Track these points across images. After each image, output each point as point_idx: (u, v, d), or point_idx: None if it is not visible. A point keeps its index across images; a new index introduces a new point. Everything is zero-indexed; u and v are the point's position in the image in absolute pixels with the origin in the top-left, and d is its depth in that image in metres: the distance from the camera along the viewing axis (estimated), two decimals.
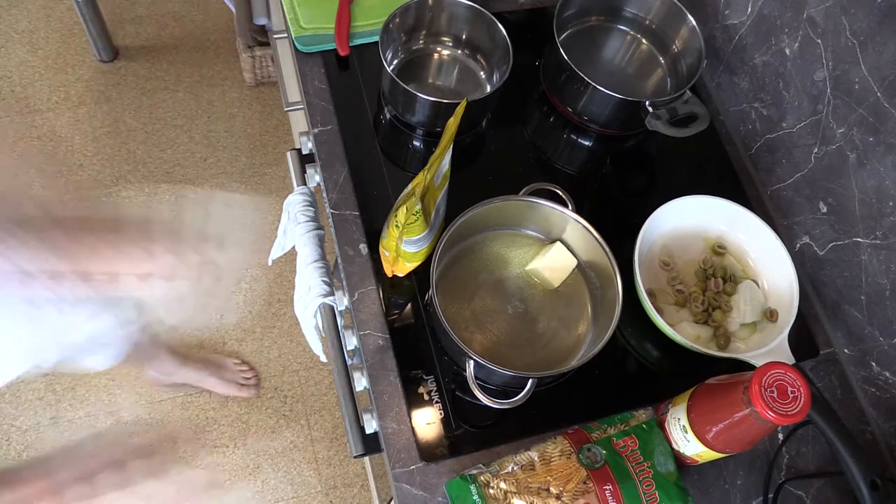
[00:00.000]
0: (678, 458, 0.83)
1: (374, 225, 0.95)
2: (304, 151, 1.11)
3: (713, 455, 0.80)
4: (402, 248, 0.86)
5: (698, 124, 1.00)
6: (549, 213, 0.92)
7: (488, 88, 1.06)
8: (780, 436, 0.93)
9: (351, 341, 0.93)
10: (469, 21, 1.05)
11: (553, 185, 0.94)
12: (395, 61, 1.06)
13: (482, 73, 1.08)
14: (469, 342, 0.88)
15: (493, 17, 1.02)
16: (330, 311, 1.01)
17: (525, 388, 0.81)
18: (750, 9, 1.04)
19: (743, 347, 0.94)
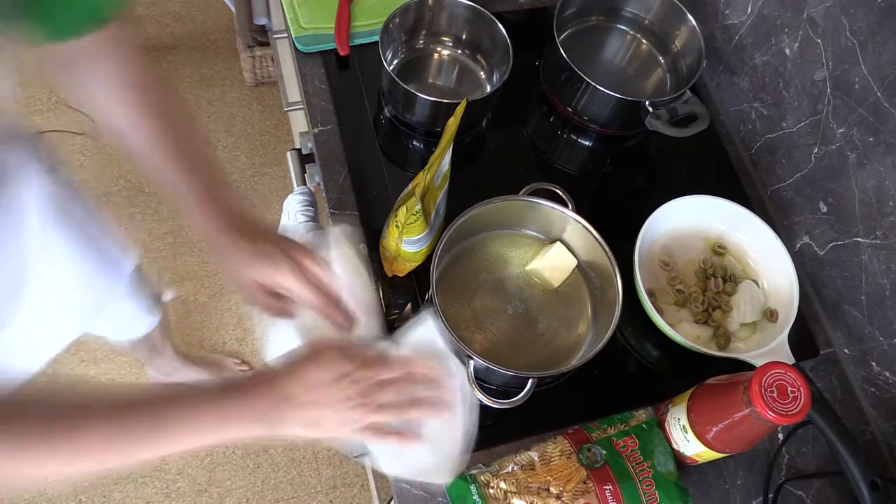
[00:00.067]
0: (678, 458, 0.83)
1: (374, 225, 0.95)
2: (304, 151, 1.11)
3: (713, 455, 0.80)
4: (402, 248, 0.86)
5: (698, 124, 1.00)
6: (549, 213, 0.91)
7: (488, 88, 1.06)
8: (780, 436, 0.93)
9: None
10: (469, 21, 1.05)
11: (553, 185, 0.94)
12: (395, 61, 1.06)
13: (482, 73, 1.08)
14: (469, 342, 0.88)
15: (493, 17, 1.02)
16: None
17: (525, 388, 0.81)
18: (750, 9, 1.04)
19: (743, 347, 0.93)
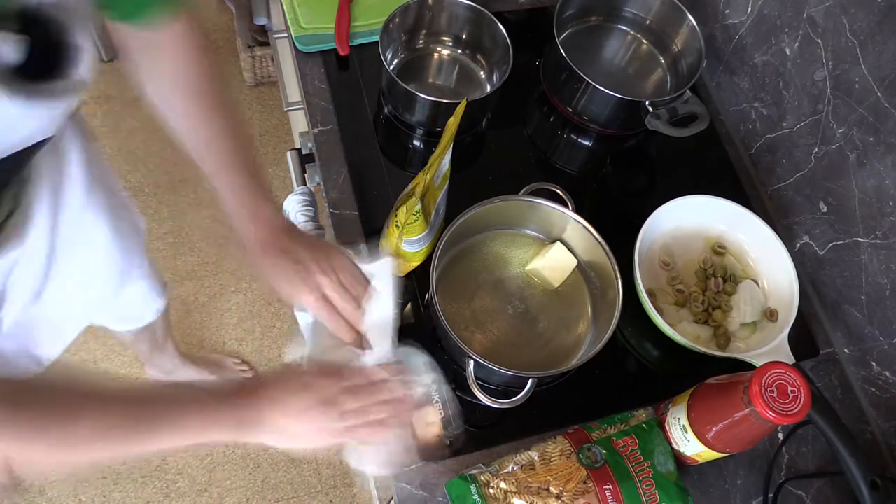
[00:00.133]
0: (678, 458, 0.83)
1: (373, 225, 0.95)
2: (304, 151, 1.11)
3: (713, 455, 0.80)
4: (403, 248, 0.86)
5: (698, 124, 1.00)
6: (549, 212, 0.91)
7: (488, 88, 1.06)
8: (780, 436, 0.93)
9: None
10: (469, 21, 1.05)
11: (553, 185, 0.94)
12: (395, 61, 1.06)
13: (482, 72, 1.08)
14: (469, 342, 0.88)
15: (493, 17, 1.02)
16: None
17: (525, 388, 0.81)
18: (750, 8, 1.04)
19: (743, 347, 0.93)
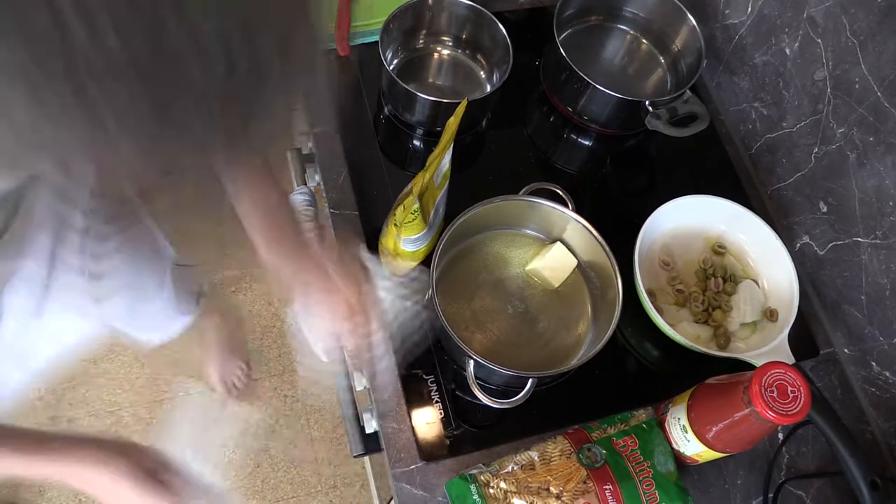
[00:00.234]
0: (678, 458, 0.83)
1: (373, 224, 0.95)
2: (304, 151, 1.11)
3: (713, 455, 0.80)
4: (401, 247, 0.86)
5: (698, 124, 1.00)
6: (549, 212, 0.91)
7: (488, 88, 1.06)
8: (780, 436, 0.93)
9: None
10: (469, 21, 1.05)
11: (553, 185, 0.94)
12: (395, 61, 1.06)
13: (482, 72, 1.08)
14: (469, 342, 0.88)
15: (493, 17, 1.02)
16: None
17: (525, 388, 0.81)
18: (750, 8, 1.04)
19: (743, 347, 0.93)
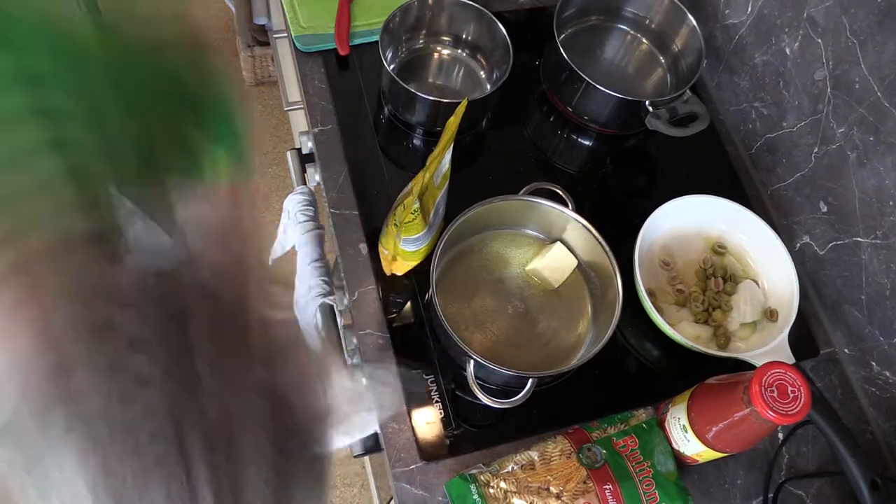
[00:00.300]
0: (678, 458, 0.83)
1: (373, 224, 0.95)
2: (304, 151, 1.11)
3: (713, 455, 0.80)
4: (401, 247, 0.86)
5: (698, 124, 1.00)
6: (549, 212, 0.91)
7: (488, 88, 1.06)
8: (780, 436, 0.93)
9: (351, 341, 0.92)
10: (469, 20, 1.05)
11: (553, 185, 0.94)
12: (396, 61, 1.06)
13: (482, 72, 1.08)
14: (469, 342, 0.88)
15: (493, 17, 1.02)
16: (330, 310, 1.01)
17: (525, 388, 0.81)
18: (750, 8, 1.04)
19: (743, 347, 0.93)
